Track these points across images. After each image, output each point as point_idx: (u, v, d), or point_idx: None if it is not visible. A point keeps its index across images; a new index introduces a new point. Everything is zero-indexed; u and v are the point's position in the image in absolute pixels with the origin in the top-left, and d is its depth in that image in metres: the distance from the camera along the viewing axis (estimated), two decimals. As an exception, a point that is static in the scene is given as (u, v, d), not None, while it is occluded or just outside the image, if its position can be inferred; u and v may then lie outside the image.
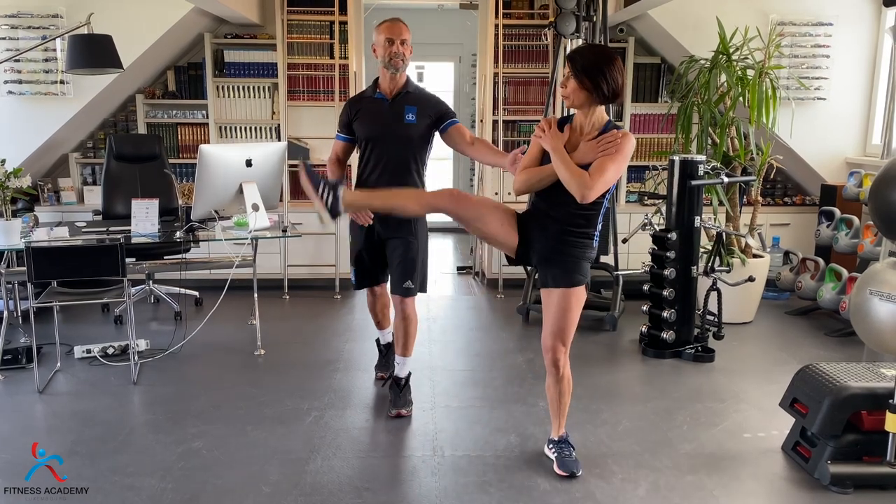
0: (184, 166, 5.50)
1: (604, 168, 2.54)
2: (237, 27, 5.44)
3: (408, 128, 3.22)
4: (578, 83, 2.57)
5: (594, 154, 2.58)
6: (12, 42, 4.92)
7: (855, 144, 5.41)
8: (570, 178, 2.55)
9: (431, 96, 3.33)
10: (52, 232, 3.93)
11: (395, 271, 3.27)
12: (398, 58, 3.16)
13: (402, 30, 3.18)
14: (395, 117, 3.22)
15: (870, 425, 2.74)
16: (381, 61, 3.19)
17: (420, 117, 3.23)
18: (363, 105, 3.28)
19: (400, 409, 3.31)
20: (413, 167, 3.26)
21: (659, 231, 4.14)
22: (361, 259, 3.39)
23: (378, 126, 3.23)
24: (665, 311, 4.06)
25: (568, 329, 2.76)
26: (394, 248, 3.27)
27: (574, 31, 4.49)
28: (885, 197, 2.89)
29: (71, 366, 3.89)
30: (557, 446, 2.87)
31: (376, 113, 3.24)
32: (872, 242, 4.44)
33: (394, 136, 3.21)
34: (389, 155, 3.22)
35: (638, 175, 5.72)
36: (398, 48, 3.15)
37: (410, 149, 3.24)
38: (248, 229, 3.89)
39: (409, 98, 3.24)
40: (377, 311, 3.60)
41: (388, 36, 3.16)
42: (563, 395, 2.83)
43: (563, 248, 2.68)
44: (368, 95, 3.30)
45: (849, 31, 5.24)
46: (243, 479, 2.73)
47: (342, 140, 3.35)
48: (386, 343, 3.70)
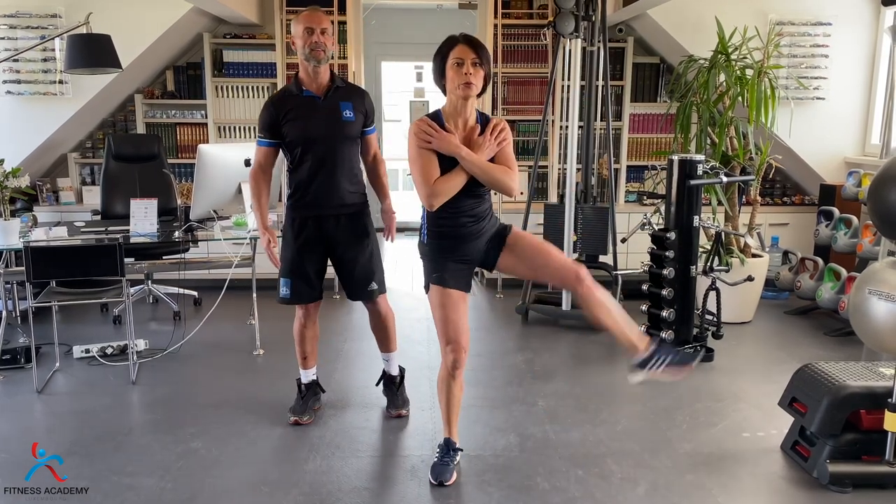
0: (183, 166, 5.50)
1: (511, 157, 2.59)
2: (236, 27, 5.44)
3: (347, 126, 3.00)
4: (483, 71, 2.52)
5: (494, 149, 2.56)
6: (11, 42, 4.91)
7: (854, 144, 5.41)
8: (497, 177, 2.54)
9: (360, 89, 3.15)
10: (51, 232, 3.93)
11: (354, 277, 3.10)
12: (319, 48, 2.90)
13: (321, 18, 2.94)
14: (332, 115, 2.98)
15: (869, 424, 2.74)
16: (301, 54, 2.93)
17: (356, 113, 3.02)
18: (291, 105, 2.97)
19: (400, 410, 3.30)
20: (354, 167, 3.07)
21: (658, 231, 4.14)
22: (301, 268, 3.06)
23: (316, 126, 2.96)
24: (664, 311, 4.06)
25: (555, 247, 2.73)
26: (346, 252, 3.08)
27: (573, 30, 4.49)
28: (883, 196, 2.89)
29: (70, 366, 3.88)
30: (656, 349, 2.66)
31: (309, 112, 2.96)
32: (871, 242, 4.44)
33: (333, 137, 2.98)
34: (329, 157, 2.98)
35: (637, 175, 5.72)
36: (318, 38, 2.90)
37: (350, 147, 3.04)
38: (246, 229, 3.89)
39: (340, 93, 3.02)
40: (307, 341, 3.21)
41: (307, 25, 2.90)
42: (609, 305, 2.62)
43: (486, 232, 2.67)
44: (295, 94, 2.99)
45: (848, 30, 5.24)
46: (242, 479, 2.73)
47: (266, 146, 3.02)
48: (308, 382, 3.29)
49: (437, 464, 2.75)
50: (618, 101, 5.57)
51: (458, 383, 2.71)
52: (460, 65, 2.49)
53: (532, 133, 5.64)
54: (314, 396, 3.32)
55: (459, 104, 2.56)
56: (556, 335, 4.45)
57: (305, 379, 3.29)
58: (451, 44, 2.53)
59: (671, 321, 4.06)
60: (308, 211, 3.04)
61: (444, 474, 2.70)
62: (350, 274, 3.11)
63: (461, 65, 2.49)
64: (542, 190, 5.66)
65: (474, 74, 2.49)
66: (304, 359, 3.26)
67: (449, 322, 2.61)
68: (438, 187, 2.52)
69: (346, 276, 3.14)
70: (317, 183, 2.99)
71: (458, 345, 2.62)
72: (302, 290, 3.10)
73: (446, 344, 2.63)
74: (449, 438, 2.78)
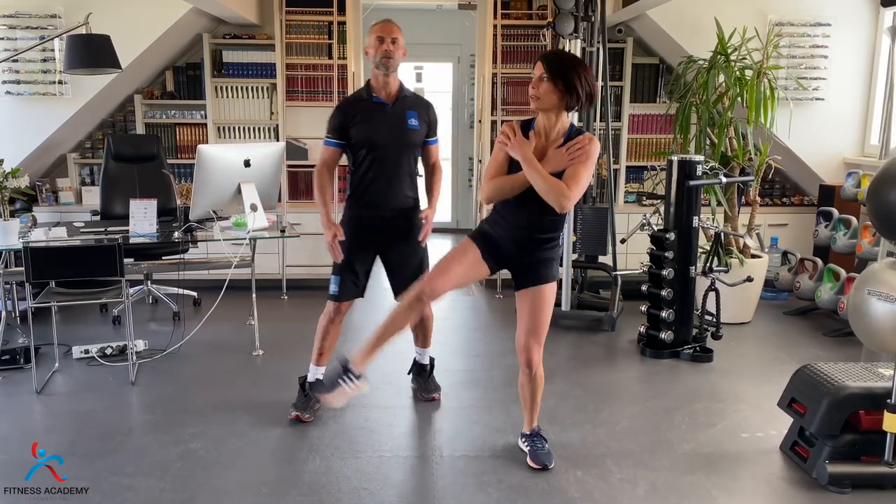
0: (182, 166, 5.49)
1: (578, 176, 2.54)
2: (236, 27, 5.44)
3: (411, 134, 3.15)
4: (553, 85, 2.54)
5: (566, 162, 2.56)
6: (10, 42, 4.91)
7: (853, 145, 5.42)
8: (548, 190, 2.52)
9: (425, 100, 3.29)
10: (51, 232, 3.93)
11: (402, 275, 3.19)
12: (389, 57, 3.04)
13: (392, 29, 3.08)
14: (398, 123, 3.12)
15: (868, 425, 2.74)
16: (373, 62, 3.09)
17: (421, 122, 3.17)
18: (361, 109, 3.13)
19: (433, 394, 3.48)
20: (412, 173, 3.21)
21: (657, 231, 4.15)
22: (351, 267, 3.16)
23: (382, 131, 3.10)
24: (663, 312, 4.06)
25: (542, 327, 2.76)
26: (398, 253, 3.22)
27: (572, 31, 4.49)
28: (883, 197, 2.89)
29: (69, 366, 3.88)
30: (530, 439, 2.92)
31: (377, 118, 3.11)
32: (870, 243, 4.44)
33: (397, 143, 3.13)
34: (390, 161, 3.13)
35: (636, 175, 5.72)
36: (389, 46, 3.04)
37: (411, 155, 3.19)
38: (246, 229, 3.89)
39: (408, 102, 3.17)
40: (329, 337, 3.23)
41: (379, 34, 3.06)
42: (536, 392, 2.86)
43: (535, 254, 2.71)
44: (365, 99, 3.14)
45: (847, 31, 5.25)
46: (242, 480, 2.73)
47: (335, 146, 3.16)
48: (313, 381, 3.25)
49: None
50: (617, 102, 5.57)
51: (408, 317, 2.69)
52: (532, 80, 2.59)
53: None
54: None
55: (540, 117, 2.63)
56: (555, 336, 4.45)
57: (313, 376, 3.27)
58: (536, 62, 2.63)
59: (670, 322, 4.06)
60: (365, 211, 3.17)
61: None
62: (399, 274, 3.23)
63: (532, 80, 2.59)
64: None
65: (538, 86, 2.55)
66: (321, 354, 3.27)
67: (445, 262, 2.69)
68: (495, 183, 2.64)
69: (395, 276, 3.26)
70: (376, 185, 3.13)
71: (432, 279, 2.66)
72: (349, 288, 3.20)
73: (428, 274, 2.73)
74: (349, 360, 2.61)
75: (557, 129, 2.63)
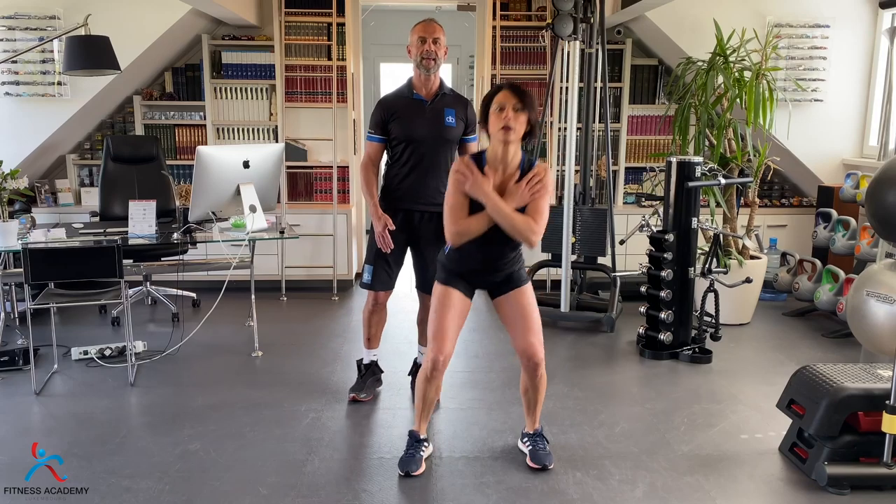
0: (181, 168, 5.50)
1: (541, 209, 2.58)
2: (235, 29, 5.45)
3: (448, 130, 3.23)
4: (524, 116, 2.54)
5: (528, 197, 2.57)
6: (9, 43, 4.91)
7: (852, 146, 5.42)
8: (516, 228, 2.55)
9: (464, 98, 3.36)
10: (49, 233, 3.93)
11: (430, 271, 3.21)
12: (430, 57, 3.15)
13: (435, 29, 3.19)
14: (436, 119, 3.21)
15: (867, 426, 2.74)
16: (414, 61, 3.20)
17: (458, 120, 3.26)
18: (400, 105, 3.24)
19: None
20: (446, 169, 3.25)
21: (656, 232, 4.15)
22: (384, 257, 3.30)
23: (420, 127, 3.20)
24: (662, 313, 4.06)
25: (537, 324, 2.78)
26: (429, 248, 3.28)
27: (571, 32, 4.49)
28: (881, 198, 2.90)
29: (68, 367, 3.88)
30: (532, 439, 2.92)
31: (417, 114, 3.21)
32: (869, 244, 4.45)
33: (435, 139, 3.21)
34: (427, 157, 3.22)
35: (635, 176, 5.73)
36: (430, 46, 3.15)
37: (448, 151, 3.27)
38: (245, 231, 3.89)
39: (447, 100, 3.26)
40: (373, 325, 3.44)
41: (421, 35, 3.16)
42: (540, 393, 2.85)
43: (502, 272, 2.75)
44: (405, 96, 3.26)
45: (846, 32, 5.26)
46: (241, 481, 2.73)
47: (377, 141, 3.27)
48: (368, 363, 3.53)
49: (403, 457, 2.82)
50: (616, 103, 5.57)
51: (434, 385, 2.78)
52: (502, 109, 2.53)
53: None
54: (373, 376, 3.54)
55: (500, 149, 2.59)
56: (554, 337, 4.45)
57: (367, 359, 3.53)
58: (495, 90, 2.59)
59: (669, 323, 4.07)
60: (399, 204, 3.28)
61: (410, 465, 2.78)
62: (426, 268, 3.30)
63: (503, 109, 2.53)
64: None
65: (514, 119, 2.52)
66: (369, 339, 3.48)
67: (439, 321, 2.70)
68: (462, 227, 2.61)
69: (423, 270, 3.34)
70: (411, 179, 3.24)
71: (440, 345, 2.68)
72: (382, 277, 3.33)
73: (431, 341, 2.72)
74: (414, 431, 2.87)
75: (513, 162, 2.62)
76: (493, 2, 5.43)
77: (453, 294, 2.71)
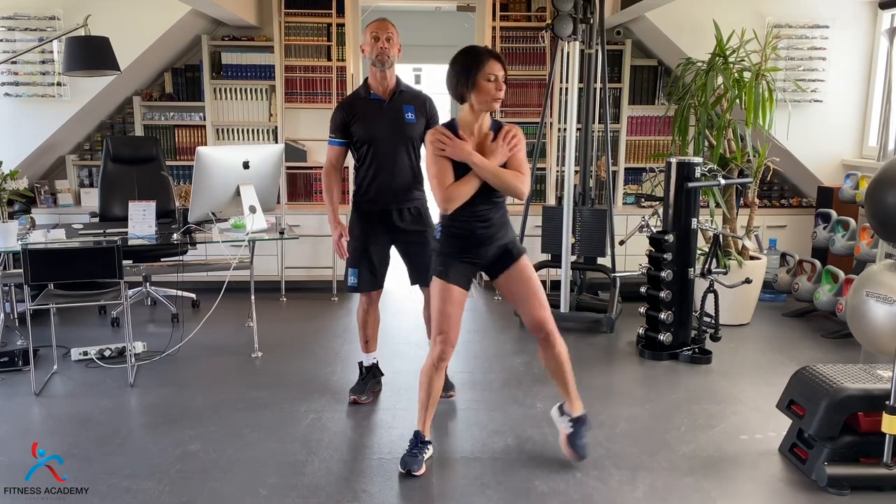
0: (181, 168, 5.50)
1: (523, 161, 2.71)
2: (234, 29, 5.45)
3: (409, 127, 3.24)
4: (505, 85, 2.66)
5: (506, 154, 2.67)
6: (9, 44, 4.91)
7: (851, 146, 5.43)
8: (504, 182, 2.64)
9: (423, 94, 3.36)
10: (49, 234, 3.93)
11: (418, 265, 3.30)
12: (384, 53, 3.16)
13: (387, 27, 3.19)
14: (395, 117, 3.22)
15: (866, 427, 2.74)
16: (370, 58, 3.20)
17: (418, 115, 3.26)
18: (359, 106, 3.25)
19: (450, 392, 3.49)
20: (414, 166, 3.29)
21: (656, 233, 4.15)
22: (367, 258, 3.29)
23: (379, 127, 3.21)
24: (662, 313, 4.06)
25: (542, 294, 2.82)
26: (411, 243, 3.31)
27: (571, 33, 4.49)
28: (881, 199, 2.90)
29: (67, 368, 3.88)
30: (576, 423, 2.91)
31: (375, 113, 3.22)
32: (869, 244, 4.45)
33: (396, 137, 3.22)
34: (392, 155, 3.22)
35: (635, 177, 5.73)
36: (384, 44, 3.16)
37: (411, 147, 3.26)
38: (245, 231, 3.89)
39: (405, 97, 3.27)
40: (369, 327, 3.44)
41: (375, 32, 3.17)
42: (562, 363, 2.87)
43: (495, 237, 2.77)
44: (363, 97, 3.26)
45: (845, 33, 5.26)
46: (241, 482, 2.73)
47: (337, 145, 3.28)
48: (369, 365, 3.53)
49: (406, 455, 2.82)
50: (616, 104, 5.57)
51: (440, 377, 2.83)
52: (494, 80, 2.62)
53: (530, 135, 5.64)
54: (374, 379, 3.54)
55: (470, 115, 2.70)
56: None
57: (367, 362, 3.53)
58: (480, 58, 2.64)
59: (669, 323, 4.07)
60: (372, 205, 3.28)
61: (412, 464, 2.78)
62: (414, 262, 3.33)
63: (494, 80, 2.62)
64: (541, 192, 5.66)
65: (503, 89, 2.66)
66: (366, 342, 3.48)
67: (443, 314, 2.74)
68: (452, 192, 2.64)
69: (411, 265, 3.37)
70: (380, 179, 3.24)
71: (447, 337, 2.74)
72: (367, 279, 3.32)
73: (437, 334, 2.76)
74: (419, 432, 2.86)
75: (484, 123, 2.73)
76: (492, 2, 5.43)
77: (452, 289, 2.75)
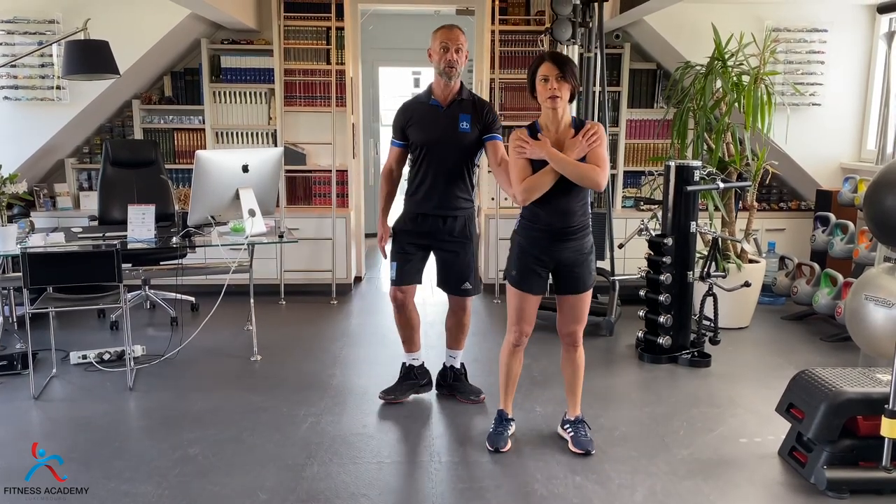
0: (180, 172, 5.50)
1: (602, 156, 2.81)
2: (234, 33, 5.45)
3: (462, 136, 3.24)
4: (566, 83, 2.79)
5: (586, 148, 2.80)
6: (9, 47, 4.91)
7: (850, 150, 5.43)
8: (582, 174, 2.77)
9: (484, 103, 3.35)
10: (48, 237, 3.93)
11: (451, 274, 3.38)
12: (452, 66, 3.18)
13: (458, 36, 3.20)
14: (449, 125, 3.24)
15: (866, 430, 2.75)
16: (436, 68, 3.23)
17: (473, 125, 3.26)
18: (417, 111, 3.30)
19: (480, 395, 3.54)
20: (465, 173, 3.32)
21: (655, 236, 4.15)
22: (408, 254, 3.35)
23: (433, 133, 3.25)
24: (661, 317, 4.07)
25: (585, 317, 3.05)
26: (449, 252, 3.36)
27: (570, 37, 4.50)
28: (879, 202, 2.91)
29: (66, 372, 3.88)
30: (574, 425, 3.07)
31: (431, 119, 3.25)
32: (868, 248, 4.45)
33: (448, 144, 3.25)
34: (443, 162, 3.26)
35: (634, 180, 5.73)
36: (453, 55, 3.17)
37: (464, 156, 3.28)
38: (244, 235, 3.89)
39: (463, 105, 3.27)
40: (405, 329, 3.48)
41: (444, 42, 3.17)
42: (577, 372, 3.09)
43: (570, 245, 2.90)
44: (423, 101, 3.31)
45: (843, 37, 5.27)
46: (240, 486, 2.72)
47: (397, 146, 3.35)
48: (409, 367, 3.56)
49: (492, 433, 3.05)
50: (615, 107, 5.58)
51: (518, 359, 3.05)
52: (546, 81, 2.78)
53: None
54: (410, 381, 3.56)
55: (550, 114, 2.84)
56: (554, 341, 4.41)
57: (407, 362, 3.58)
58: (538, 62, 2.84)
59: (668, 327, 4.07)
60: (419, 208, 3.34)
61: (498, 442, 3.01)
62: (448, 271, 3.40)
63: (547, 80, 2.78)
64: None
65: (559, 88, 2.77)
66: (404, 342, 3.55)
67: (520, 311, 2.97)
68: (528, 183, 2.81)
69: (444, 272, 3.42)
70: (429, 183, 3.29)
71: (522, 328, 2.98)
72: (408, 272, 3.38)
73: (514, 324, 2.98)
74: (503, 410, 3.09)
75: (564, 122, 2.86)
76: (491, 6, 5.43)
77: (530, 298, 2.95)
